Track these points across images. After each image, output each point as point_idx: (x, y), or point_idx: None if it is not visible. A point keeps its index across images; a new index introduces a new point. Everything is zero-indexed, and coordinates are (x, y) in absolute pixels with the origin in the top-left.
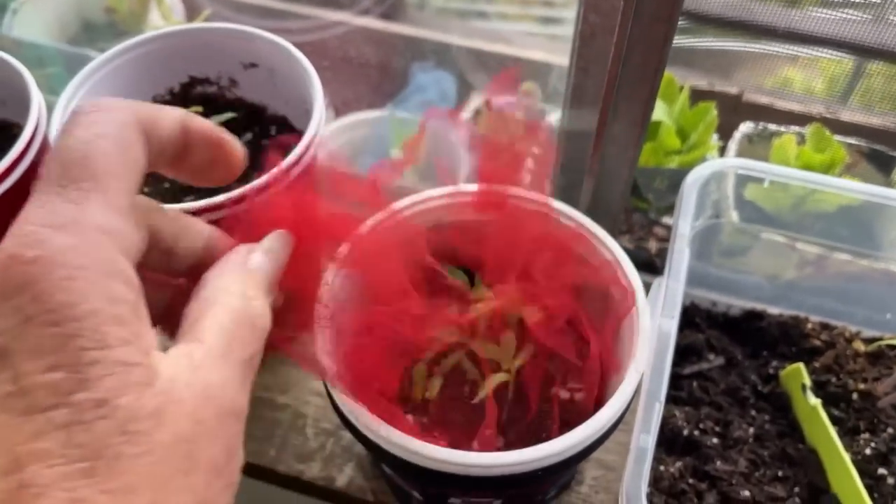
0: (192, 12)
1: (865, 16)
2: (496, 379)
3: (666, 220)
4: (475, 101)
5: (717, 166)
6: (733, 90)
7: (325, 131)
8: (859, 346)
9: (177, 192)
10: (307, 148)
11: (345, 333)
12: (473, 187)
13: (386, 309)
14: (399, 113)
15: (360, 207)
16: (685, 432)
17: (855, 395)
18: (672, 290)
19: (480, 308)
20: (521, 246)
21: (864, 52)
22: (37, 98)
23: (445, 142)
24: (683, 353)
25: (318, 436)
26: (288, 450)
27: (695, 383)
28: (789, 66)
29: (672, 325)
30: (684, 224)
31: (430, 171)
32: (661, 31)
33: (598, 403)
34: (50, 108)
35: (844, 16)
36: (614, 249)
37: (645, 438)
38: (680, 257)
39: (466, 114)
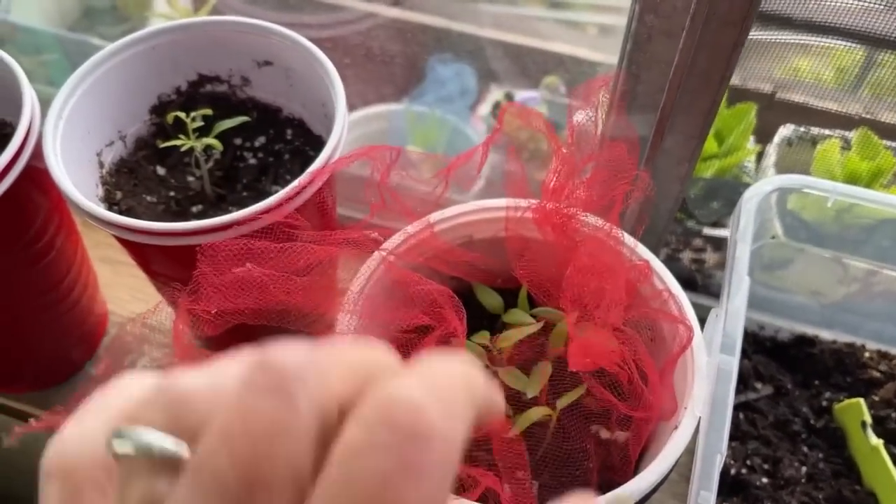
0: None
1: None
2: (532, 415)
3: (705, 231)
4: (495, 94)
5: (774, 184)
6: (767, 88)
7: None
8: None
9: (182, 202)
10: (329, 159)
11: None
12: (509, 202)
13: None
14: (416, 107)
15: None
16: (732, 471)
17: None
18: (732, 323)
19: (511, 334)
20: (573, 271)
21: (875, 41)
22: (29, 96)
23: (463, 136)
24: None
25: None
26: None
27: (741, 415)
28: (800, 55)
29: (733, 364)
30: (743, 248)
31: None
32: (731, 35)
33: (644, 443)
34: (47, 101)
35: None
36: (667, 279)
37: (706, 497)
38: (739, 286)
39: (485, 107)
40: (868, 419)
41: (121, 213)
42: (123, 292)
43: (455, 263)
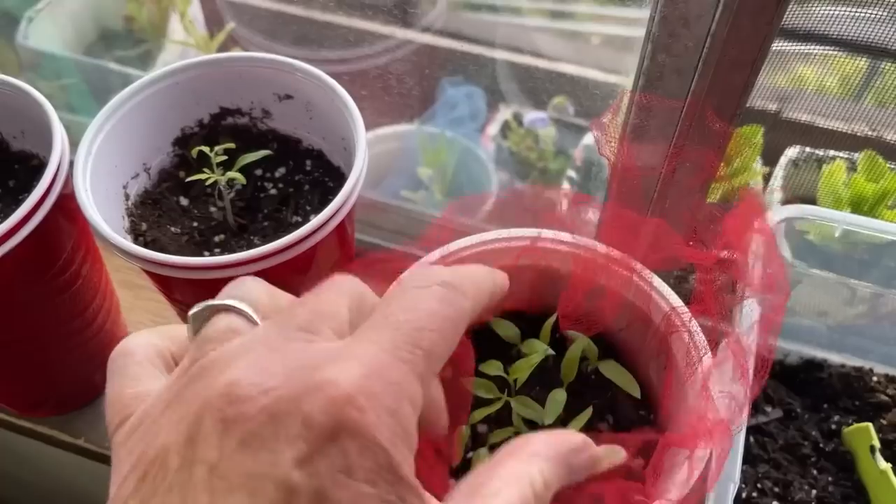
0: (212, 25)
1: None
2: None
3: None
4: (504, 115)
5: (784, 214)
6: (772, 106)
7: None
8: None
9: (205, 232)
10: (351, 192)
11: None
12: (531, 232)
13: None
14: (428, 128)
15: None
16: (743, 494)
17: None
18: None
19: (522, 364)
20: (590, 300)
21: (878, 51)
22: (59, 131)
23: (473, 156)
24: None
25: None
26: None
27: (752, 438)
28: (803, 64)
29: (745, 392)
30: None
31: (457, 187)
32: (741, 77)
33: (657, 469)
34: (67, 126)
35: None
36: (677, 305)
37: None
38: (750, 314)
39: (495, 127)
40: (877, 443)
41: (146, 244)
42: (144, 316)
43: None
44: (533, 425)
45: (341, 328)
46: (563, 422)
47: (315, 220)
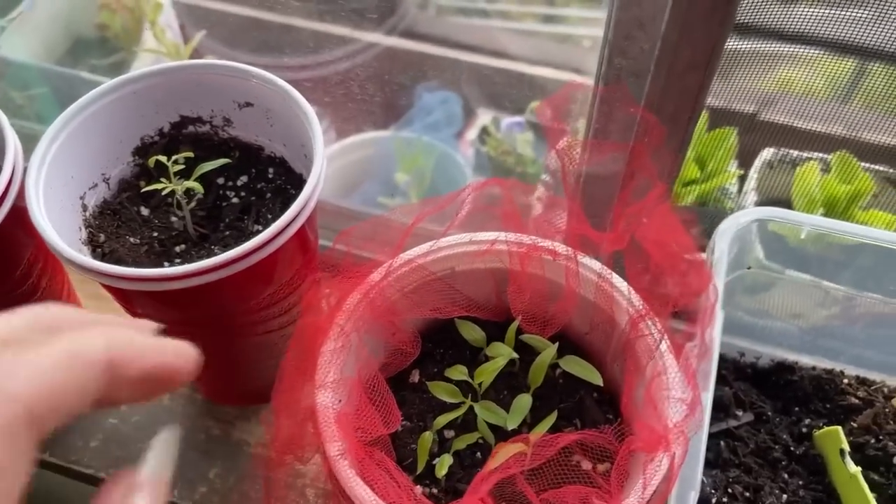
0: (187, 33)
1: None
2: (507, 452)
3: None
4: (483, 120)
5: (750, 216)
6: (748, 108)
7: (325, 172)
8: None
9: (165, 242)
10: (309, 198)
11: (353, 386)
12: (490, 235)
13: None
14: (404, 133)
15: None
16: (713, 500)
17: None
18: (706, 360)
19: (487, 368)
20: (549, 301)
21: (864, 52)
22: (12, 140)
23: (451, 161)
24: (711, 410)
25: (318, 497)
26: None
27: (722, 442)
28: (789, 66)
29: (708, 398)
30: (717, 283)
31: (434, 193)
32: (696, 80)
33: (621, 474)
34: (35, 137)
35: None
36: (640, 308)
37: None
38: (713, 320)
39: (473, 132)
40: (846, 447)
41: (104, 255)
42: None
43: (439, 295)
44: (498, 430)
45: None
46: (529, 426)
47: (273, 227)
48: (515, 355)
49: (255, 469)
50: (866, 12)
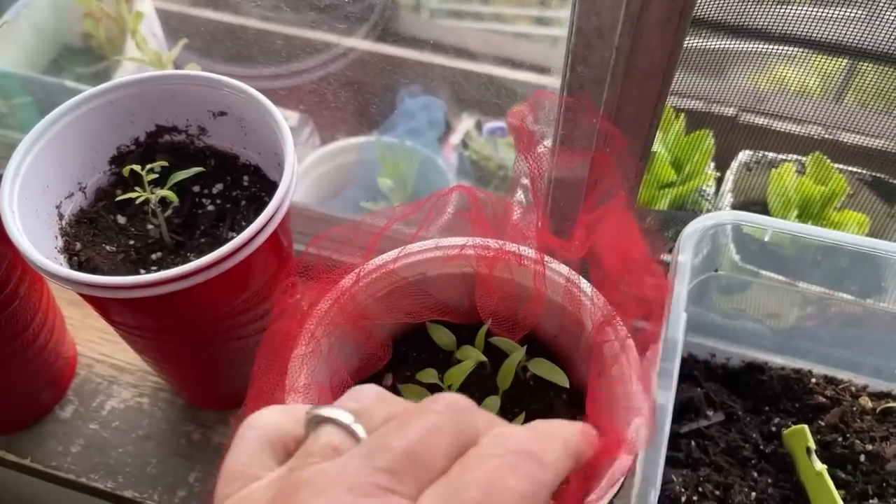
0: (171, 41)
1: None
2: None
3: (665, 257)
4: (466, 124)
5: (714, 220)
6: (729, 111)
7: (297, 183)
8: (866, 403)
9: (142, 250)
10: (279, 205)
11: (323, 391)
12: (458, 241)
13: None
14: (386, 138)
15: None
16: (683, 498)
17: (862, 457)
18: (668, 358)
19: (456, 371)
20: (518, 304)
21: (856, 53)
22: None
23: (433, 166)
24: (681, 410)
25: None
26: None
27: (693, 442)
28: (783, 65)
29: (669, 399)
30: (681, 286)
31: (417, 197)
32: (654, 88)
33: (587, 476)
34: (12, 146)
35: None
36: (605, 310)
37: None
38: (677, 322)
39: (457, 137)
40: (812, 445)
41: (80, 263)
42: (93, 335)
43: (411, 300)
44: None
45: (426, 482)
46: None
47: (245, 233)
48: (484, 358)
49: None
50: (858, 11)
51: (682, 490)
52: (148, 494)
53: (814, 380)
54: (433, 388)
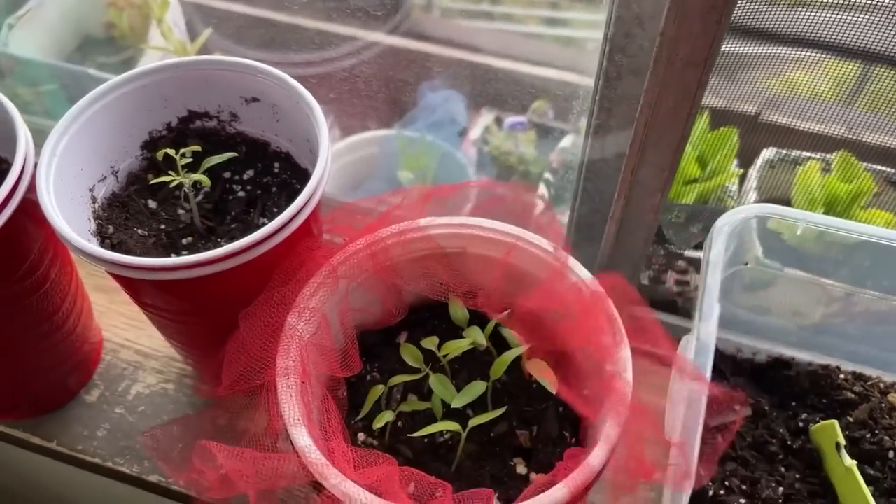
0: (194, 30)
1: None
2: (441, 426)
3: (687, 252)
4: (485, 119)
5: (747, 213)
6: (751, 109)
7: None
8: (895, 399)
9: (173, 234)
10: (313, 192)
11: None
12: (504, 227)
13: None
14: (408, 132)
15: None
16: (710, 492)
17: (891, 454)
18: (703, 351)
19: (451, 345)
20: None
21: (870, 56)
22: (24, 133)
23: (453, 160)
24: (708, 404)
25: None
26: None
27: (720, 437)
28: (796, 68)
29: (702, 392)
30: (714, 277)
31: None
32: (694, 76)
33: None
34: (45, 132)
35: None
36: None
37: None
38: (710, 313)
39: (476, 131)
40: (842, 440)
41: (112, 246)
42: (118, 320)
43: (445, 271)
44: (454, 412)
45: None
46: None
47: (278, 219)
48: (484, 343)
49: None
50: (873, 17)
51: (710, 483)
52: (173, 479)
53: (842, 376)
54: (430, 355)
